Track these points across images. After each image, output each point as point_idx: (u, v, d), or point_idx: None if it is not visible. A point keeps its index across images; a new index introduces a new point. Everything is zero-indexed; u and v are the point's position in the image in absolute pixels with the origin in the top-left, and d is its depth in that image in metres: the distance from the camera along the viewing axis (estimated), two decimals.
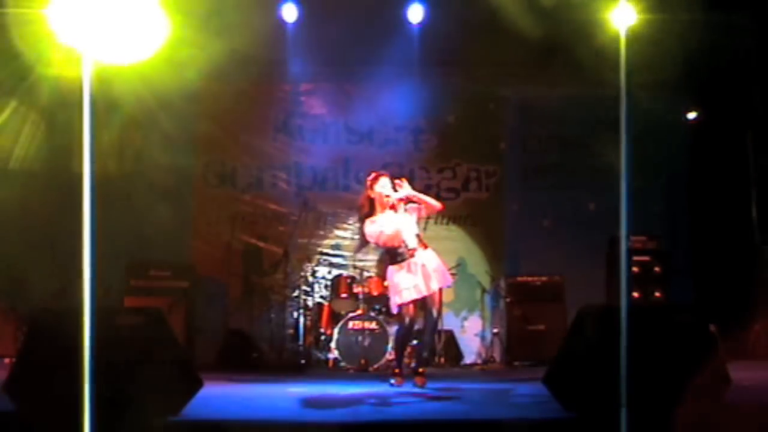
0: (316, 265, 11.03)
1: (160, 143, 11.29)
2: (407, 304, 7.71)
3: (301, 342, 10.40)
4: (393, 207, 7.87)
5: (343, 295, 10.29)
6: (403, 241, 7.76)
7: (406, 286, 7.66)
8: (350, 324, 9.93)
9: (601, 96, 11.46)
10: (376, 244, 7.90)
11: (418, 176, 11.33)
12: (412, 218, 7.91)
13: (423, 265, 7.75)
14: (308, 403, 6.70)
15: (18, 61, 9.78)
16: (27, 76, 10.10)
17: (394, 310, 8.10)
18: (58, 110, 10.58)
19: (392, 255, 7.83)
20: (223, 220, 11.46)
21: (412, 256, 7.75)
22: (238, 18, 10.49)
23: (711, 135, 11.40)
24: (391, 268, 7.86)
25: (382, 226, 7.72)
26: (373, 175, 8.10)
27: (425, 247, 7.88)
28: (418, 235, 7.90)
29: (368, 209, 7.91)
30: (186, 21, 10.37)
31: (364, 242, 8.03)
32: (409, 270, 7.68)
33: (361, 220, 7.98)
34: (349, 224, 11.53)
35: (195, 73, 11.03)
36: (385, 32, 10.92)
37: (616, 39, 10.70)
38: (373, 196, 7.91)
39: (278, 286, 10.95)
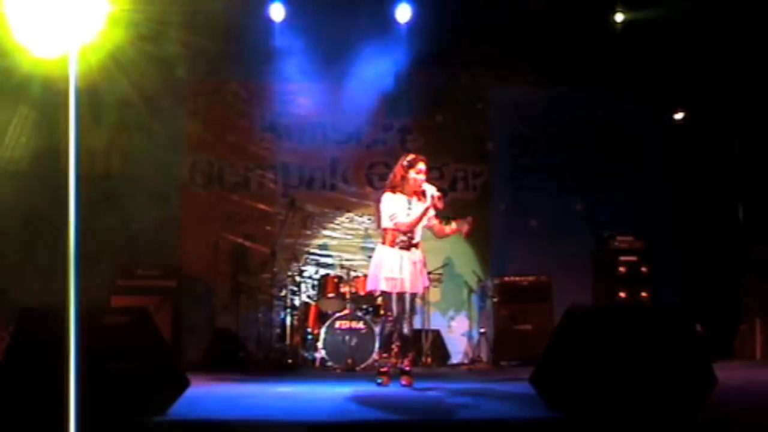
0: (303, 265, 11.03)
1: (147, 142, 11.30)
2: (389, 294, 7.73)
3: (288, 341, 10.39)
4: (418, 194, 7.84)
5: (330, 295, 10.28)
6: (414, 232, 7.77)
7: (392, 275, 7.66)
8: (337, 324, 9.93)
9: (588, 96, 11.56)
10: (390, 219, 7.78)
11: None
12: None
13: (415, 263, 7.76)
14: (295, 402, 6.70)
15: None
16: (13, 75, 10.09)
17: (368, 288, 8.12)
18: (45, 109, 10.57)
19: (392, 237, 7.80)
20: (210, 220, 11.42)
21: (409, 249, 7.75)
22: (226, 17, 10.51)
23: (698, 136, 11.44)
24: (383, 248, 7.83)
25: (403, 207, 7.75)
26: (411, 156, 7.99)
27: (417, 246, 7.89)
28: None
29: (399, 186, 7.86)
30: (173, 19, 10.44)
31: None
32: (401, 263, 7.68)
33: (385, 191, 7.95)
34: (337, 224, 11.54)
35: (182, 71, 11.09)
36: (373, 32, 10.92)
37: (603, 40, 10.78)
38: (407, 177, 7.85)
39: (265, 285, 10.93)
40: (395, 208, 7.76)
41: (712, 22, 10.34)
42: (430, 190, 7.76)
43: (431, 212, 7.82)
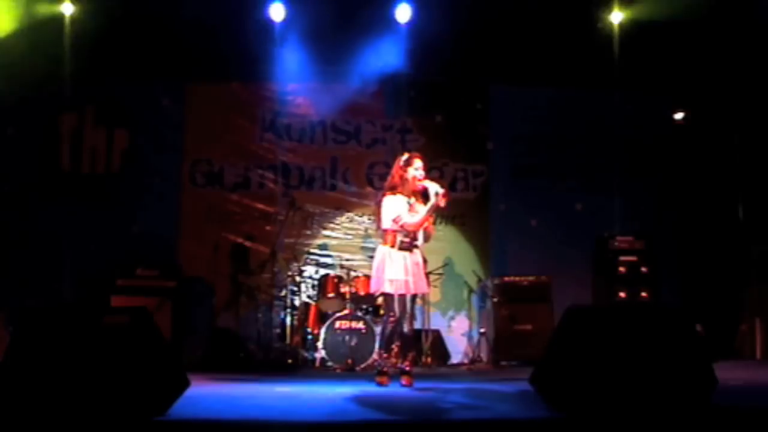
0: (303, 265, 11.02)
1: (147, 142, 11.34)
2: (391, 295, 7.70)
3: (288, 341, 10.39)
4: (418, 193, 7.80)
5: (330, 295, 10.27)
6: (417, 233, 7.75)
7: (396, 277, 7.61)
8: (337, 324, 9.92)
9: (589, 96, 11.56)
10: (396, 222, 7.66)
11: None
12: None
13: (416, 264, 7.74)
14: (295, 402, 6.69)
15: None
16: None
17: (372, 289, 7.99)
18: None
19: (394, 238, 7.73)
20: (210, 220, 11.42)
21: (411, 250, 7.73)
22: (226, 16, 10.52)
23: (699, 136, 11.44)
24: (385, 249, 7.75)
25: (405, 208, 7.70)
26: (406, 155, 7.91)
27: (417, 247, 7.86)
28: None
29: (399, 187, 7.78)
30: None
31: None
32: (405, 265, 7.65)
33: (385, 193, 7.85)
34: (337, 224, 11.53)
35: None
36: (373, 32, 10.92)
37: (606, 40, 10.76)
38: (405, 176, 7.77)
39: (265, 285, 10.92)
40: (399, 209, 7.69)
41: (712, 22, 10.34)
42: (434, 187, 7.63)
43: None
